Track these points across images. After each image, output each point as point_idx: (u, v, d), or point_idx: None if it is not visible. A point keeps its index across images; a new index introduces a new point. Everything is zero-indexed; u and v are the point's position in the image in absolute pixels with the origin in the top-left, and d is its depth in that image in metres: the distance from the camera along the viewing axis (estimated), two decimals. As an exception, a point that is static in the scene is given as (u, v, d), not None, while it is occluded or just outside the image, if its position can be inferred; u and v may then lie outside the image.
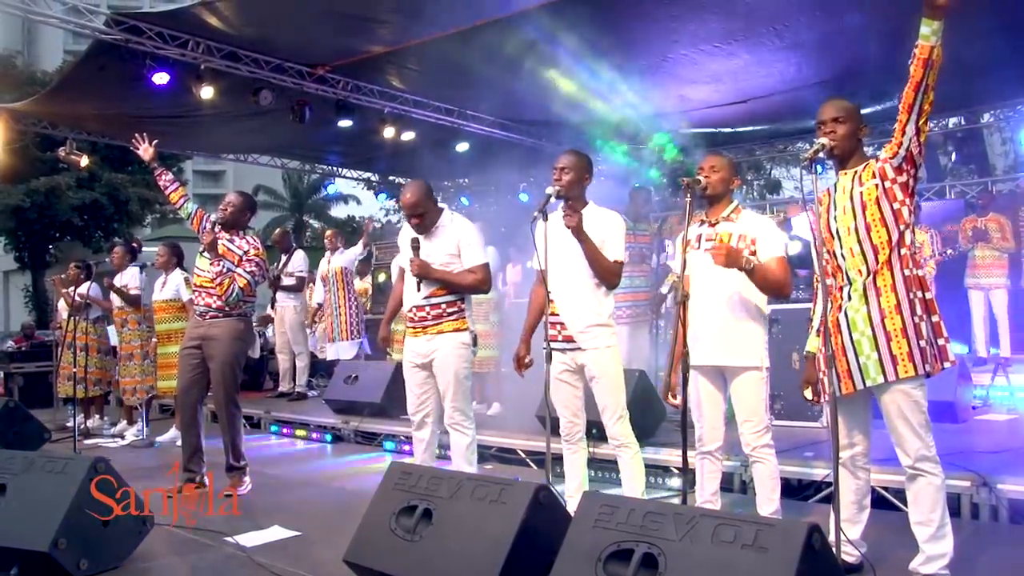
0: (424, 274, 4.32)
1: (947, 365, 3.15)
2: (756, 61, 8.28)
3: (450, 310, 4.36)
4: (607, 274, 3.97)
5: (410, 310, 4.45)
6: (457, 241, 4.36)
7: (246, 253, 5.27)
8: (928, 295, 3.15)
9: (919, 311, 3.09)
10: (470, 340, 4.40)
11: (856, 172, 3.23)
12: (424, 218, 4.37)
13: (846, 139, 3.22)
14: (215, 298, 5.21)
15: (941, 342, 3.13)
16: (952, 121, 11.59)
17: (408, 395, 4.54)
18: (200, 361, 5.25)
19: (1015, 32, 7.23)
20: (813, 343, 3.45)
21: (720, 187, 3.71)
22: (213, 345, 5.19)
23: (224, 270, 5.17)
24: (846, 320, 3.18)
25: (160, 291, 7.24)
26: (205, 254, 5.28)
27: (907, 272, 3.12)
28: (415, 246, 4.36)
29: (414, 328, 4.44)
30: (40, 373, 10.27)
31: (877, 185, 3.13)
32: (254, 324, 5.90)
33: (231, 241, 5.33)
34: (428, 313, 4.37)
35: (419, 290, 4.38)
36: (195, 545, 4.13)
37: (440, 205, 4.56)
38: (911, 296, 3.10)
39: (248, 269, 5.23)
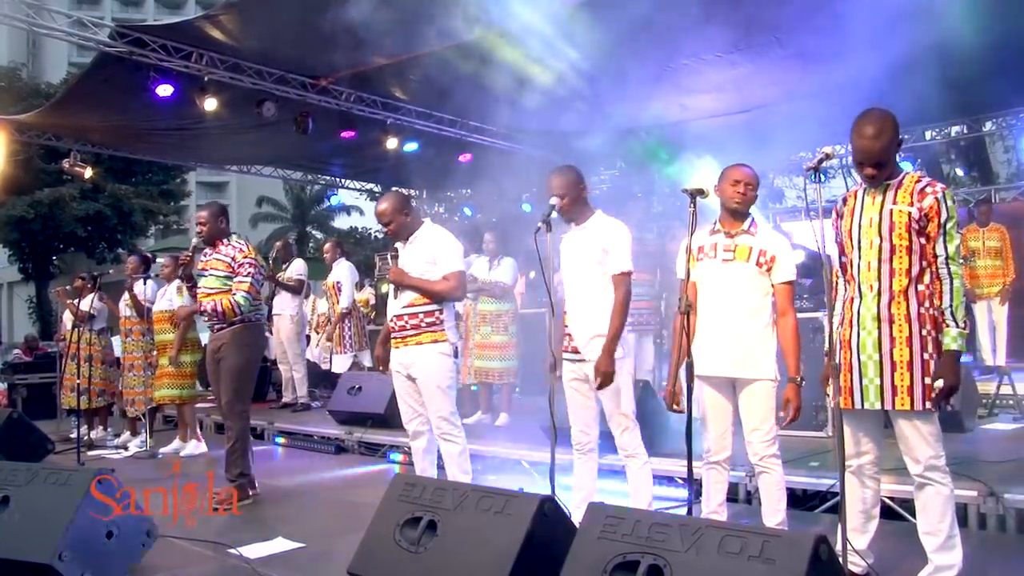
0: (399, 281, 4.43)
1: (950, 408, 3.15)
2: (758, 71, 8.28)
3: (427, 320, 4.42)
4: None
5: (391, 320, 4.52)
6: (433, 250, 4.45)
7: (234, 259, 5.24)
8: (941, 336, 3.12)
9: (931, 349, 3.07)
10: (450, 351, 4.45)
11: (889, 185, 3.16)
12: (393, 227, 4.50)
13: (887, 173, 3.15)
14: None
15: None
16: (954, 130, 11.57)
17: (401, 406, 4.59)
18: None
19: (1016, 40, 7.23)
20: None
21: (753, 202, 3.72)
22: (220, 355, 5.24)
23: (214, 304, 5.18)
24: (857, 340, 3.17)
25: (159, 302, 7.25)
26: (207, 273, 5.31)
27: (922, 309, 3.10)
28: (394, 255, 4.50)
29: (395, 339, 4.51)
30: (44, 384, 10.25)
31: (911, 214, 3.08)
32: None
33: (217, 252, 5.32)
34: (407, 323, 4.44)
35: (396, 298, 4.48)
36: (199, 556, 4.11)
37: (422, 219, 4.66)
38: (923, 332, 3.08)
39: (245, 272, 5.21)
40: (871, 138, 3.09)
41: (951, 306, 3.03)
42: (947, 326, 3.03)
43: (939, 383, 3.00)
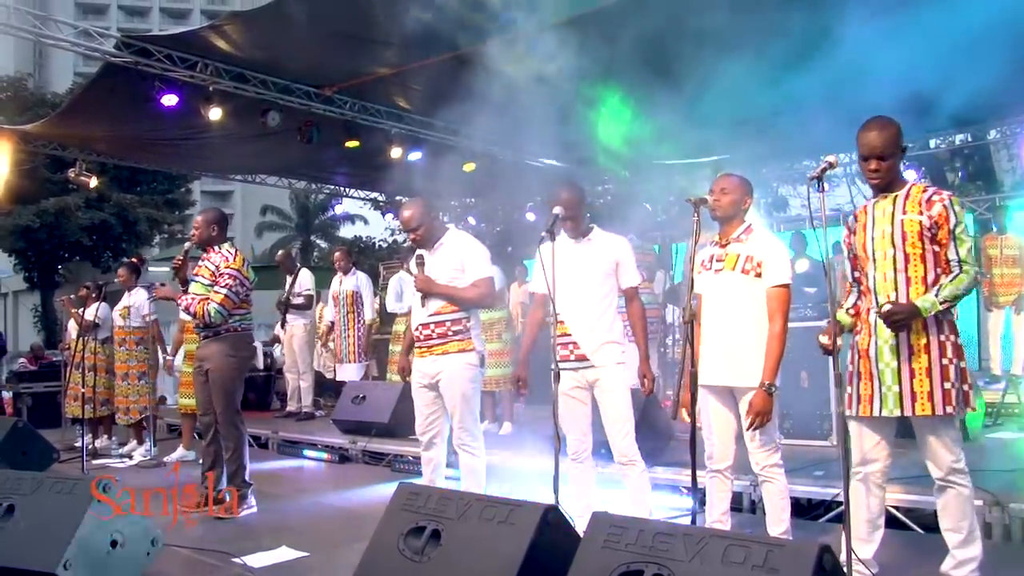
0: (427, 289, 4.33)
1: (969, 411, 3.21)
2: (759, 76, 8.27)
3: (455, 328, 4.34)
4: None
5: (416, 328, 4.44)
6: (461, 256, 4.38)
7: (217, 268, 5.22)
8: (959, 340, 3.16)
9: (949, 354, 3.10)
10: (477, 360, 4.37)
11: (896, 196, 3.21)
12: (421, 233, 4.41)
13: (891, 171, 3.21)
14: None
15: (966, 388, 3.15)
16: (959, 138, 11.58)
17: (416, 415, 4.52)
18: (207, 380, 5.25)
19: (1020, 47, 7.22)
20: (844, 317, 3.40)
21: (731, 209, 3.68)
22: (208, 364, 5.22)
23: (189, 302, 5.17)
24: (875, 348, 3.19)
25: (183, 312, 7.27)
26: (196, 278, 5.31)
27: (938, 315, 3.12)
28: (419, 263, 4.39)
29: (420, 348, 4.42)
30: (48, 393, 10.28)
31: (922, 222, 3.12)
32: (262, 342, 5.90)
33: (207, 259, 5.32)
34: (433, 331, 4.35)
35: (424, 306, 4.39)
36: (202, 566, 4.11)
37: (447, 225, 4.59)
38: (942, 338, 3.11)
39: (223, 284, 5.16)
40: (876, 131, 3.17)
41: (946, 283, 3.07)
42: (931, 292, 3.08)
43: (887, 306, 3.08)
